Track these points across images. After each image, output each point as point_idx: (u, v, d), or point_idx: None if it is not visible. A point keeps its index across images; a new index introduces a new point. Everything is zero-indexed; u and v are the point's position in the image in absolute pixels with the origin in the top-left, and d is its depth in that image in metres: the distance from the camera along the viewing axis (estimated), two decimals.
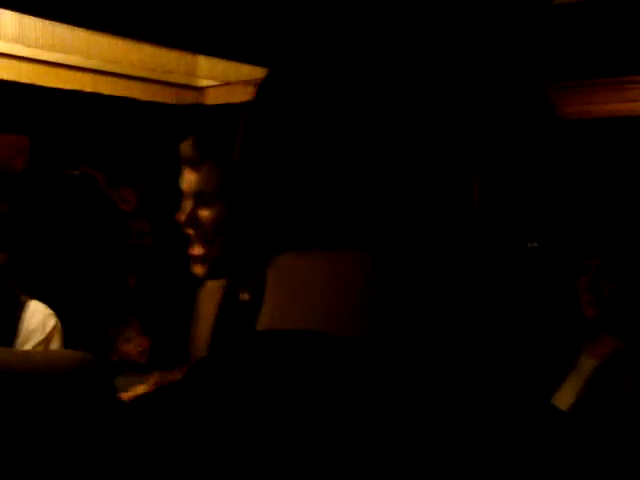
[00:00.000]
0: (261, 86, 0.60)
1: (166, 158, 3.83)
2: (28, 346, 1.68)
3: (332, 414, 0.45)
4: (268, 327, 0.53)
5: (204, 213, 1.43)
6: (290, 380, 0.47)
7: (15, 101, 3.39)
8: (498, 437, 0.46)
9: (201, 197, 1.44)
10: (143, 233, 3.98)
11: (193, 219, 1.44)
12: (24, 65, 2.84)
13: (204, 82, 3.36)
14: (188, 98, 3.35)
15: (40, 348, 1.70)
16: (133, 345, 3.33)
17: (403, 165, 0.53)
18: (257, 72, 2.72)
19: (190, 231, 1.46)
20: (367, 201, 0.52)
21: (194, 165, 1.45)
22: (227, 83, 3.15)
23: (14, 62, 2.85)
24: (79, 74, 2.87)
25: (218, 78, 2.98)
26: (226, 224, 1.42)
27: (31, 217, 3.53)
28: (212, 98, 3.35)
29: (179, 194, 1.49)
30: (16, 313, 1.71)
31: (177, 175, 1.52)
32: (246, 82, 2.94)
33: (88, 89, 2.95)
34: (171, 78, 3.19)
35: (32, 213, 3.55)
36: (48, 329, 1.75)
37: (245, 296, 1.49)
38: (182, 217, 1.45)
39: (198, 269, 1.47)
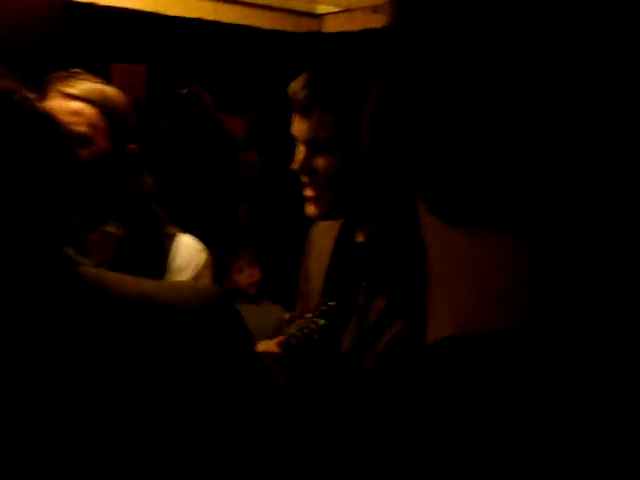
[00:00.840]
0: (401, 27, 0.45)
1: (280, 89, 3.79)
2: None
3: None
4: (460, 325, 0.46)
5: (318, 161, 1.40)
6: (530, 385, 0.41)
7: (135, 30, 3.40)
8: None
9: (314, 145, 1.40)
10: (252, 164, 3.98)
11: (306, 167, 1.41)
12: None
13: (323, 9, 3.27)
14: (306, 25, 3.27)
15: None
16: (244, 276, 3.38)
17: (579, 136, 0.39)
18: None
19: (304, 179, 1.42)
20: (539, 173, 0.40)
21: (305, 112, 1.39)
22: (347, 9, 3.05)
23: None
24: (201, 2, 2.83)
25: (338, 4, 2.88)
26: (342, 174, 1.39)
27: (150, 144, 3.58)
28: (331, 26, 3.26)
29: (286, 125, 1.44)
30: (166, 248, 1.65)
31: (289, 106, 1.46)
32: (367, 8, 2.84)
33: (209, 17, 2.91)
34: (290, 5, 3.11)
35: (150, 139, 3.59)
36: (200, 266, 1.68)
37: (360, 238, 1.47)
38: (296, 165, 1.41)
39: (311, 210, 1.44)
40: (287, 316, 1.68)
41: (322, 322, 1.42)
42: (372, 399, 0.46)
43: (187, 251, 1.67)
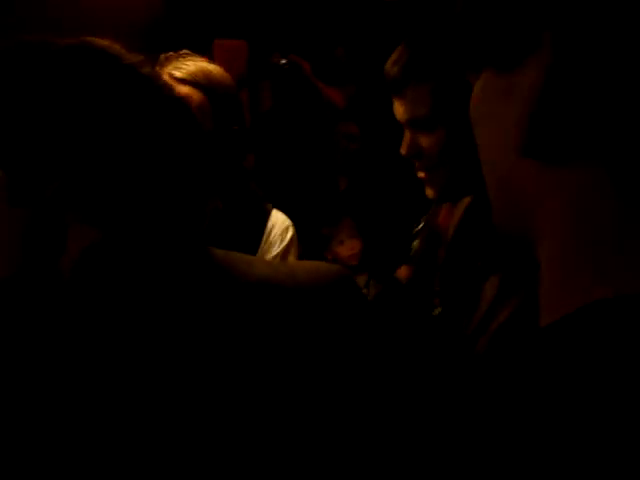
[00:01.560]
0: None
1: (379, 60, 3.73)
2: (268, 256, 1.71)
3: None
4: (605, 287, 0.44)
5: (422, 141, 1.35)
6: None
7: (235, 5, 3.42)
8: None
9: (415, 125, 1.35)
10: (352, 136, 3.96)
11: (413, 149, 1.36)
12: None
13: None
14: None
15: (277, 260, 1.71)
16: (345, 248, 3.40)
17: None
18: None
19: (414, 162, 1.38)
20: None
21: (399, 91, 1.34)
22: None
23: None
24: None
25: None
26: (450, 152, 1.33)
27: (252, 120, 3.62)
28: None
29: (389, 99, 1.40)
30: (262, 223, 1.72)
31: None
32: None
33: None
34: None
35: (252, 115, 3.63)
36: (286, 241, 1.74)
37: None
38: (403, 149, 1.38)
39: (427, 192, 1.40)
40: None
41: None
42: (493, 379, 0.46)
43: (278, 227, 1.74)
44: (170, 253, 0.82)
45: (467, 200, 1.45)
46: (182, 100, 0.85)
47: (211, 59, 1.74)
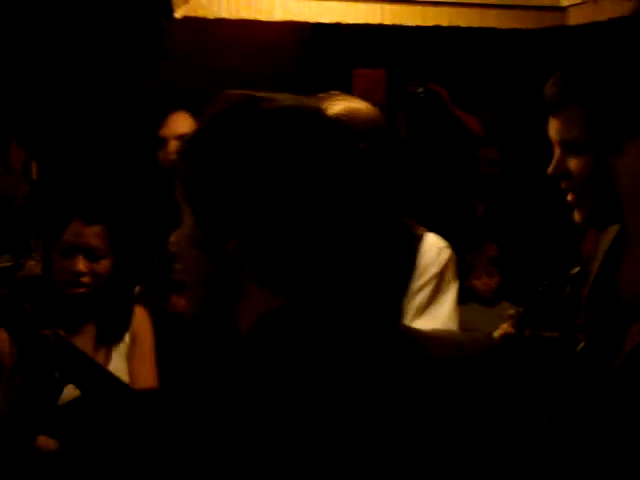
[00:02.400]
0: None
1: (521, 86, 3.69)
2: (423, 279, 1.72)
3: None
4: None
5: (571, 164, 1.34)
6: None
7: (374, 37, 3.50)
8: None
9: (567, 146, 1.34)
10: (493, 161, 3.92)
11: (561, 169, 1.35)
12: (388, 7, 2.92)
13: (567, 1, 3.13)
14: (549, 20, 3.15)
15: (434, 281, 1.73)
16: (481, 282, 3.33)
17: None
18: None
19: (562, 184, 1.37)
20: None
21: (555, 111, 1.34)
22: None
23: (377, 6, 2.94)
24: (439, 9, 2.85)
25: None
26: (600, 177, 1.31)
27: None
28: (575, 18, 3.10)
29: (529, 123, 1.40)
30: (414, 246, 1.73)
31: (531, 104, 1.41)
32: None
33: (445, 24, 2.93)
34: (531, 1, 3.02)
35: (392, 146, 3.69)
36: (442, 262, 1.74)
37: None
38: (550, 169, 1.37)
39: (575, 217, 1.39)
40: (512, 311, 1.67)
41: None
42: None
43: (433, 249, 1.74)
44: (357, 326, 0.82)
45: (614, 229, 1.42)
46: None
47: (351, 89, 1.81)
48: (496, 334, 1.41)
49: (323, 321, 0.80)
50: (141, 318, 2.09)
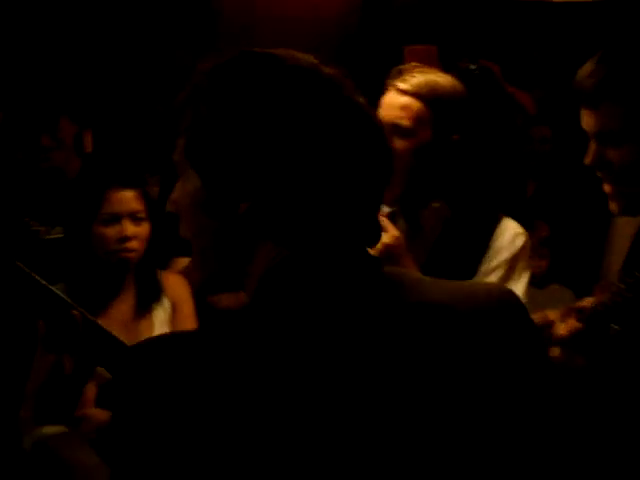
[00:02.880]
0: None
1: (574, 62, 3.60)
2: (493, 263, 1.73)
3: None
4: None
5: (610, 154, 1.31)
6: None
7: (426, 11, 3.45)
8: None
9: (604, 138, 1.31)
10: (545, 139, 3.85)
11: (599, 160, 1.33)
12: None
13: None
14: None
15: (505, 267, 1.73)
16: (532, 262, 3.27)
17: None
18: None
19: (599, 173, 1.34)
20: None
21: (591, 104, 1.31)
22: None
23: None
24: None
25: None
26: (636, 166, 1.28)
27: None
28: None
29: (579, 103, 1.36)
30: (490, 228, 1.74)
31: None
32: None
33: None
34: None
35: None
36: (516, 247, 1.74)
37: None
38: (587, 159, 1.34)
39: (611, 206, 1.36)
40: (578, 304, 1.62)
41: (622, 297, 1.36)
42: None
43: (508, 233, 1.75)
44: (348, 271, 0.83)
45: None
46: (372, 117, 0.87)
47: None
48: (561, 330, 1.38)
49: (326, 270, 0.82)
50: (179, 285, 2.12)
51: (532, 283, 3.27)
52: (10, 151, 2.79)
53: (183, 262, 2.29)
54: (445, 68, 3.66)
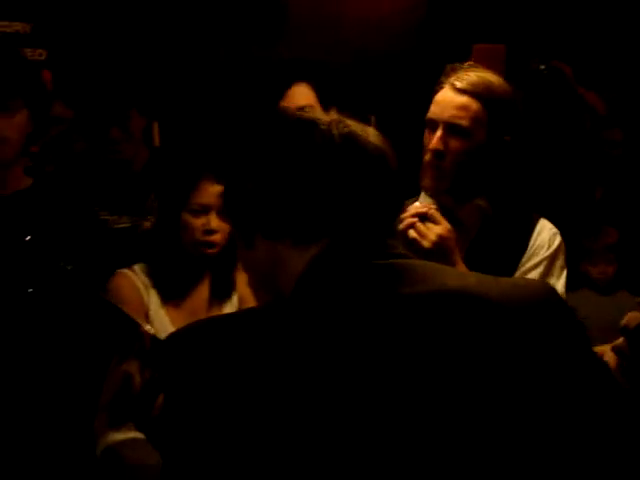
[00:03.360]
0: None
1: None
2: (533, 261, 1.73)
3: None
4: None
5: None
6: None
7: (495, 10, 3.40)
8: None
9: None
10: (615, 142, 3.75)
11: None
12: None
13: None
14: None
15: (545, 263, 1.73)
16: (596, 270, 3.19)
17: None
18: None
19: None
20: None
21: None
22: None
23: None
24: None
25: None
26: None
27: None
28: None
29: None
30: (529, 228, 1.75)
31: None
32: None
33: None
34: None
35: None
36: (553, 247, 1.74)
37: None
38: None
39: None
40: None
41: None
42: None
43: (545, 233, 1.76)
44: (373, 262, 0.89)
45: None
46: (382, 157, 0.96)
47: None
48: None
49: (358, 264, 0.89)
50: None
51: (598, 289, 3.22)
52: (80, 144, 2.86)
53: None
54: (513, 68, 3.62)
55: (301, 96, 2.29)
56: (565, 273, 1.77)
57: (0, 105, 1.79)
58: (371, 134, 0.96)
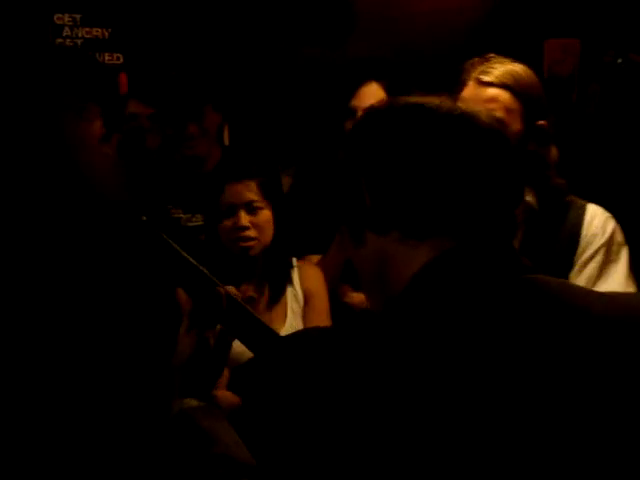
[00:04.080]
0: None
1: None
2: (589, 251, 1.70)
3: None
4: None
5: None
6: None
7: (569, 4, 3.33)
8: None
9: None
10: None
11: None
12: None
13: None
14: None
15: (603, 251, 1.70)
16: None
17: None
18: None
19: None
20: None
21: None
22: None
23: None
24: None
25: None
26: None
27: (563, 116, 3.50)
28: None
29: None
30: (578, 217, 1.72)
31: None
32: None
33: None
34: None
35: (581, 118, 3.52)
36: (608, 233, 1.71)
37: None
38: None
39: None
40: None
41: None
42: None
43: (598, 219, 1.72)
44: (501, 267, 0.84)
45: None
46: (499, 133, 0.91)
47: (540, 59, 1.77)
48: None
49: (479, 273, 0.83)
50: (315, 277, 2.17)
51: None
52: (155, 140, 2.90)
53: (314, 259, 2.33)
54: (586, 62, 3.53)
55: (372, 95, 2.30)
56: (627, 251, 1.72)
57: (77, 112, 1.85)
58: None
